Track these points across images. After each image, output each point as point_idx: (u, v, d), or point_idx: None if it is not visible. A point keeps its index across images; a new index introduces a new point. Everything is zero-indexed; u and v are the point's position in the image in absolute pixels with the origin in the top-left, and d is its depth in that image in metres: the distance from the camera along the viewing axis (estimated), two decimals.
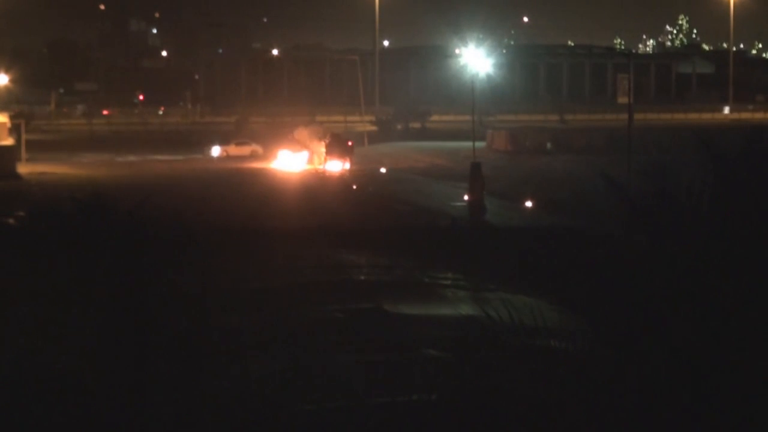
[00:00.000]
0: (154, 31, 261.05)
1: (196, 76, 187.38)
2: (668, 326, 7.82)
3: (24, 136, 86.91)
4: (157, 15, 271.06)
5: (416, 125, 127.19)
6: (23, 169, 75.68)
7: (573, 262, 8.67)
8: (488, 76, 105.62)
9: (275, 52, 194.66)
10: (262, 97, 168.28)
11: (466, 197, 58.40)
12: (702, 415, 7.60)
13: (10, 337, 21.29)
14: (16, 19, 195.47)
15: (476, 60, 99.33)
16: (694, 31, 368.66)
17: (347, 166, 79.26)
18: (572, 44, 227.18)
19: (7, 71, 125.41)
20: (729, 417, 7.54)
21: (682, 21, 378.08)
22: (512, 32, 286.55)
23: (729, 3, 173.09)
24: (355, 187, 66.92)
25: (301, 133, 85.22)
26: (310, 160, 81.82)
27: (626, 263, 8.32)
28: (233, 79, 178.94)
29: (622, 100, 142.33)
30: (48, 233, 20.68)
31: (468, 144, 79.06)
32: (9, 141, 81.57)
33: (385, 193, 62.74)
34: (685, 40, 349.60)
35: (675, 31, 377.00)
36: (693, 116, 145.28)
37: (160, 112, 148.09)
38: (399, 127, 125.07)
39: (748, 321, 7.68)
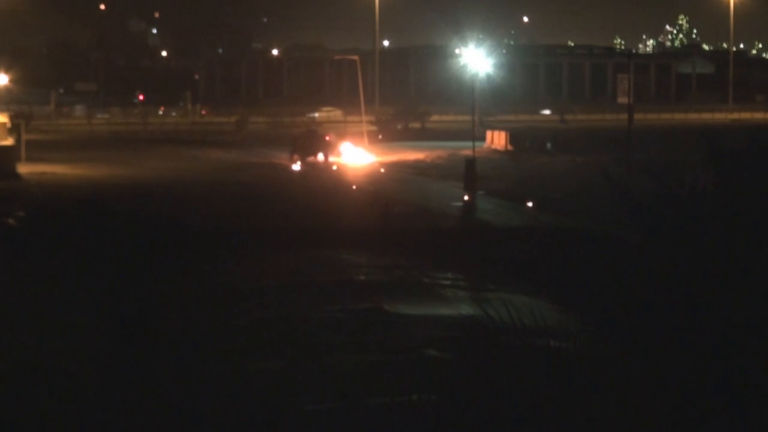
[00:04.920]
0: (154, 31, 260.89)
1: (196, 76, 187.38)
2: (669, 325, 7.81)
3: (24, 136, 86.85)
4: (157, 15, 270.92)
5: (416, 125, 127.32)
6: (23, 169, 75.63)
7: (573, 261, 8.66)
8: (488, 76, 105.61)
9: (275, 52, 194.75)
10: (262, 97, 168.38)
11: (465, 197, 58.34)
12: (703, 414, 7.60)
13: (11, 335, 21.28)
14: (16, 19, 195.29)
15: (476, 60, 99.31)
16: (694, 31, 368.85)
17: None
18: (572, 44, 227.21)
19: (7, 71, 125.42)
20: (730, 416, 7.54)
21: (682, 21, 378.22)
22: (512, 32, 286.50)
23: (729, 3, 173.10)
24: (354, 187, 66.91)
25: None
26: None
27: (626, 263, 8.32)
28: (233, 79, 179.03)
29: (622, 100, 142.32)
30: (48, 233, 20.71)
31: (468, 144, 79.06)
32: (9, 141, 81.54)
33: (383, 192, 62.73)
34: (685, 40, 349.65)
35: (675, 31, 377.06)
36: (693, 116, 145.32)
37: (161, 112, 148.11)
38: (399, 127, 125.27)
39: (750, 320, 7.67)
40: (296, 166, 79.59)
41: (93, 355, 18.54)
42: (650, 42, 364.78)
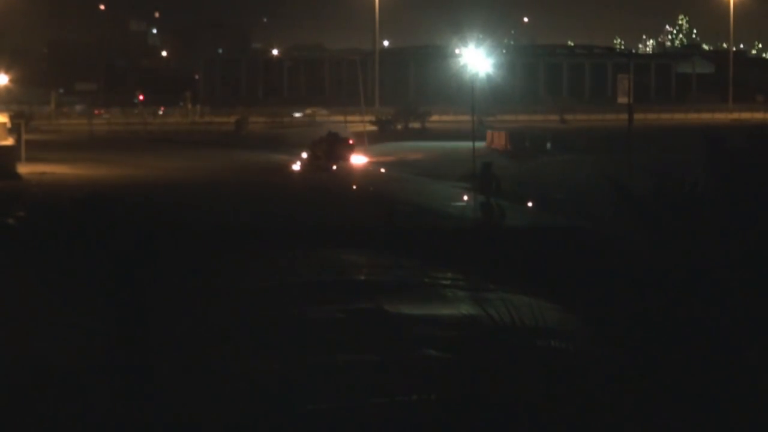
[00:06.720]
0: (154, 31, 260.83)
1: (196, 76, 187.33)
2: (669, 325, 7.81)
3: (24, 136, 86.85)
4: (157, 15, 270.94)
5: (416, 125, 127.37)
6: (23, 169, 75.65)
7: (573, 261, 8.66)
8: (488, 76, 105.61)
9: (275, 52, 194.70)
10: (262, 97, 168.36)
11: (465, 197, 58.35)
12: (702, 414, 7.59)
13: (10, 336, 21.28)
14: (16, 19, 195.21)
15: (476, 60, 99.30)
16: (694, 31, 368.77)
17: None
18: (572, 44, 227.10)
19: (7, 71, 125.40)
20: (729, 416, 7.53)
21: (682, 21, 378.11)
22: (512, 32, 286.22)
23: (729, 3, 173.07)
24: (354, 187, 66.91)
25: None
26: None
27: (626, 262, 8.31)
28: (233, 79, 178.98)
29: (622, 100, 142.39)
30: (48, 233, 20.67)
31: (467, 144, 79.03)
32: (9, 141, 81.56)
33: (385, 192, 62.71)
34: (685, 40, 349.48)
35: (675, 31, 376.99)
36: (693, 116, 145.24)
37: (160, 112, 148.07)
38: (399, 127, 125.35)
39: (749, 320, 7.67)
40: (296, 166, 79.43)
41: (93, 355, 18.54)
42: (650, 42, 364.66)
